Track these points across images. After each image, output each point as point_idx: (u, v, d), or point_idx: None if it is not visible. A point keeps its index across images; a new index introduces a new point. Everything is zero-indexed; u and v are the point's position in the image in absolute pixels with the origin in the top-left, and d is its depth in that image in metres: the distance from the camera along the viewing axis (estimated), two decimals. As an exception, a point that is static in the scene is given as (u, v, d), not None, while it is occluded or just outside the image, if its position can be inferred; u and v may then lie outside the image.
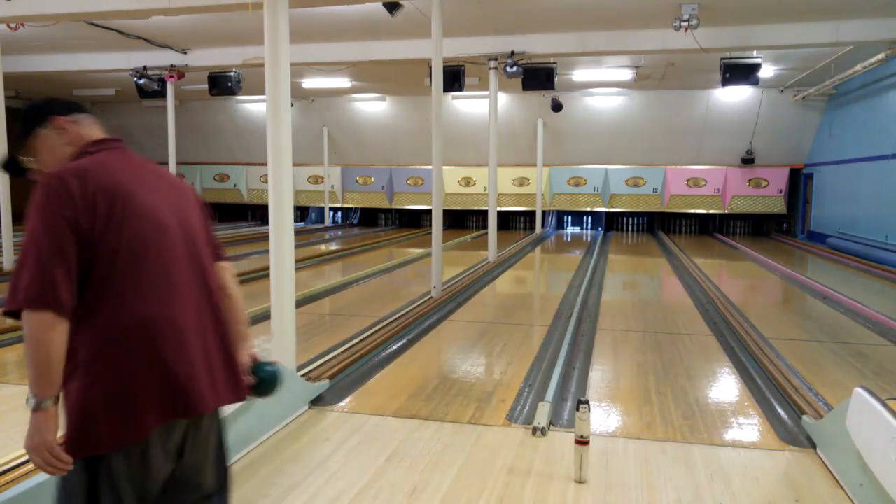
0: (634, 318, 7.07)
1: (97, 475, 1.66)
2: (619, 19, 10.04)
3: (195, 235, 1.86)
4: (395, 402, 4.28)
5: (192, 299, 1.79)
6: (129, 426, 1.65)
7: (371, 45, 11.58)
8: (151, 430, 1.69)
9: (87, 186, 1.66)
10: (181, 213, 1.84)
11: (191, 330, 1.76)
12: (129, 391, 1.65)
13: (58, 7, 7.98)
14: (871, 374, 5.06)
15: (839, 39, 10.07)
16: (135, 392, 1.66)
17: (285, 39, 4.39)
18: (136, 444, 1.68)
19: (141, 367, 1.67)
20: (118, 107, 19.42)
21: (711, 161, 17.53)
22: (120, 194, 1.70)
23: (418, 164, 19.08)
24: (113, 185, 1.70)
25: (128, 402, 1.65)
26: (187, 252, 1.81)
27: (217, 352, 1.83)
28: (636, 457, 3.48)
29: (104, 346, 1.65)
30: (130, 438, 1.66)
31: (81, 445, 1.64)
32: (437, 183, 8.16)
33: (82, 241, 1.62)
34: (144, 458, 1.70)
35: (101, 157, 1.79)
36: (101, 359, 1.64)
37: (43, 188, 1.63)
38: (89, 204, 1.64)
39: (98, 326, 1.65)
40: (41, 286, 1.56)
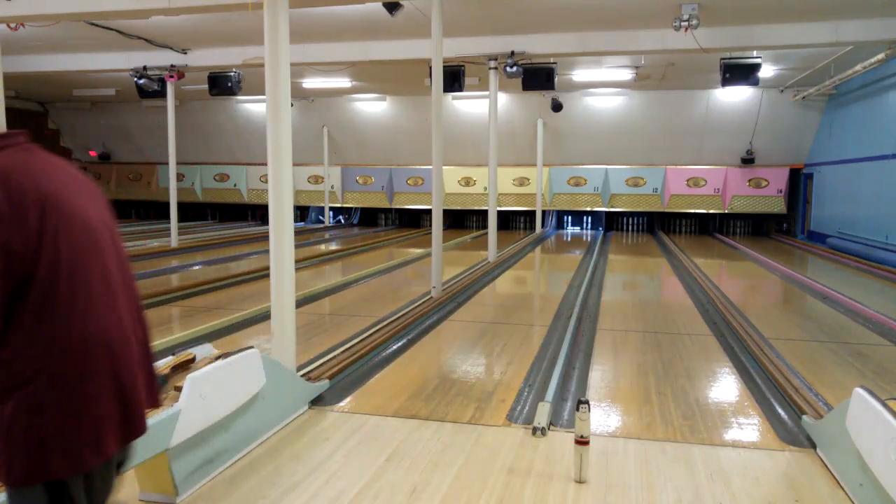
0: (634, 318, 7.07)
1: (59, 498, 1.54)
2: (619, 19, 10.04)
3: (116, 237, 1.73)
4: (395, 402, 4.28)
5: (125, 306, 1.69)
6: (93, 452, 1.54)
7: (371, 45, 11.58)
8: (113, 453, 1.60)
9: (13, 195, 1.47)
10: (101, 214, 1.71)
11: (131, 341, 1.67)
12: (91, 413, 1.53)
13: (58, 7, 7.98)
14: (871, 374, 5.06)
15: (839, 39, 10.07)
16: (97, 413, 1.54)
17: (285, 39, 4.39)
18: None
19: (102, 385, 1.55)
20: (118, 107, 19.42)
21: (711, 161, 17.53)
22: (49, 200, 1.53)
23: (418, 164, 19.08)
24: (39, 191, 1.52)
25: (91, 424, 1.53)
26: (115, 255, 1.70)
27: (144, 360, 1.75)
28: (636, 457, 3.48)
29: (53, 362, 1.50)
30: (92, 463, 1.54)
31: (37, 474, 1.49)
32: (437, 183, 8.16)
33: (14, 262, 1.46)
34: (103, 478, 1.65)
35: (13, 156, 1.57)
36: (50, 378, 1.49)
37: None
38: (19, 218, 1.47)
39: (41, 341, 1.50)
40: None
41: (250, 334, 6.16)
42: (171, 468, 2.89)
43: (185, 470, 2.98)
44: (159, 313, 7.07)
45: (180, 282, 9.39)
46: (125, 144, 21.16)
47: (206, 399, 3.06)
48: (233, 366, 3.28)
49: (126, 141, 21.00)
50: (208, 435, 3.14)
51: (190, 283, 8.78)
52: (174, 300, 7.73)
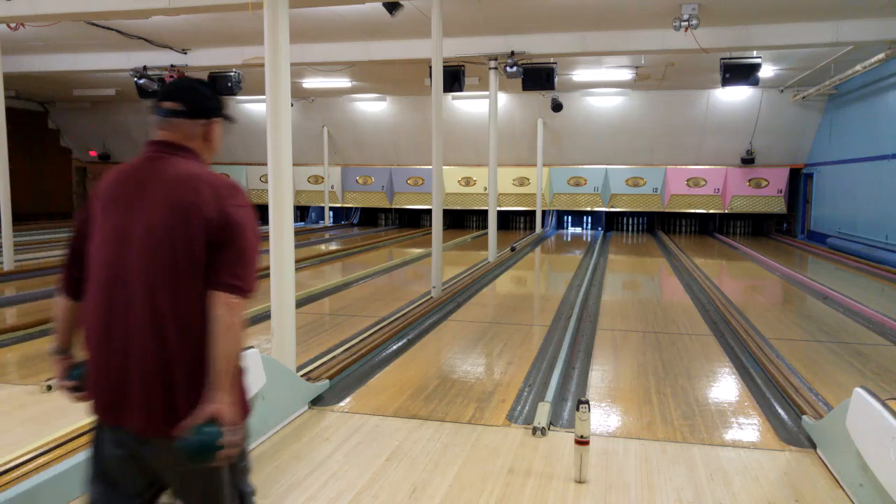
0: (634, 318, 7.07)
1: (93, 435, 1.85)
2: (619, 19, 10.04)
3: (139, 243, 1.75)
4: (395, 402, 4.28)
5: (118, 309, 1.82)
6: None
7: (371, 45, 11.58)
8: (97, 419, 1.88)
9: (94, 189, 1.90)
10: (134, 218, 1.79)
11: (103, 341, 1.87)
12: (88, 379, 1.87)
13: (58, 7, 7.98)
14: (871, 374, 5.06)
15: (839, 39, 10.07)
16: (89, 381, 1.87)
17: (285, 39, 4.39)
18: None
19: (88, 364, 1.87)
20: (118, 107, 19.42)
21: (711, 161, 17.53)
22: (94, 197, 1.89)
23: (418, 164, 19.08)
24: (97, 188, 1.89)
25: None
26: (125, 263, 1.76)
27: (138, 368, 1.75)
28: (636, 457, 3.48)
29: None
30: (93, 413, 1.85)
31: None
32: (437, 183, 8.16)
33: (74, 236, 1.90)
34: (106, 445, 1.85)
35: (133, 161, 1.90)
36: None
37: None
38: (85, 205, 1.87)
39: None
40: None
41: (250, 334, 6.17)
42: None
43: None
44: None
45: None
46: (125, 144, 21.14)
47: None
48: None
49: (126, 141, 20.98)
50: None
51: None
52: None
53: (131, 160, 1.87)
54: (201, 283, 1.72)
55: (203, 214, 1.71)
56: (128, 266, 1.73)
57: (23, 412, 4.07)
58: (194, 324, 1.71)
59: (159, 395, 1.71)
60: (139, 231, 1.73)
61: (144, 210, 1.74)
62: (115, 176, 1.85)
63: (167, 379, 1.71)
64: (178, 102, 1.85)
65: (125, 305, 1.73)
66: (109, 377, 1.75)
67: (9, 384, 4.62)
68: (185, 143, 1.85)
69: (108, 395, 1.76)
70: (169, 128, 1.85)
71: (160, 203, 1.73)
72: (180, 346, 1.71)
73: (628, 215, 19.13)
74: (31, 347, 5.63)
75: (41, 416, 3.99)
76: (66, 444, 2.50)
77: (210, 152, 1.92)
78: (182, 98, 1.86)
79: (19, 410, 4.11)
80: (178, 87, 1.89)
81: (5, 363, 5.27)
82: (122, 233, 1.75)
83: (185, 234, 1.71)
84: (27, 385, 4.56)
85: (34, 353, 5.46)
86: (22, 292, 8.28)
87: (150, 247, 1.72)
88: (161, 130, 1.85)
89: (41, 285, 8.62)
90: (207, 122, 1.88)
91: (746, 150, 16.99)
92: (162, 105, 1.86)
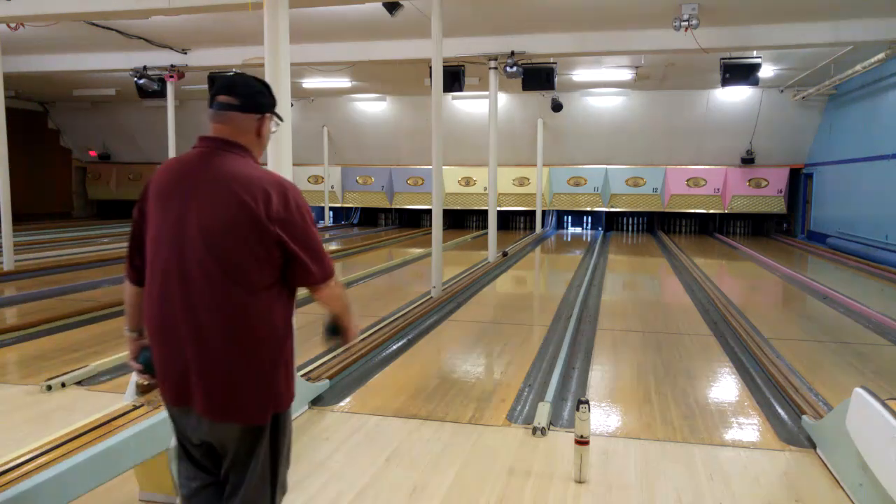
0: (634, 318, 7.07)
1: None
2: (619, 19, 10.03)
3: (191, 238, 1.82)
4: (395, 402, 4.28)
5: (174, 296, 1.93)
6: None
7: (371, 45, 11.58)
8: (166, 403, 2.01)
9: (148, 181, 2.00)
10: (186, 212, 1.87)
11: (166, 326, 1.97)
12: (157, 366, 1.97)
13: (58, 7, 7.98)
14: (871, 374, 5.06)
15: (839, 39, 10.07)
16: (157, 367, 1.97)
17: (285, 39, 4.40)
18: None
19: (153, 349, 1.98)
20: (118, 107, 19.42)
21: (711, 161, 17.53)
22: (148, 189, 1.98)
23: (418, 164, 19.08)
24: (150, 181, 2.00)
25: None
26: (183, 252, 1.85)
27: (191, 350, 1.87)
28: (636, 457, 3.48)
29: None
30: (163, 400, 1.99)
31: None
32: (437, 183, 8.16)
33: (133, 226, 1.99)
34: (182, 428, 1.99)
35: (183, 154, 1.98)
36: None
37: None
38: (140, 197, 2.00)
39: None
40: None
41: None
42: (171, 468, 2.89)
43: (185, 470, 2.98)
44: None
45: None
46: (125, 144, 21.15)
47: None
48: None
49: (126, 141, 20.99)
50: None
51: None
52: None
53: (185, 154, 1.92)
54: (259, 278, 1.81)
55: (266, 216, 1.78)
56: (185, 261, 1.80)
57: (23, 412, 4.07)
58: (250, 315, 1.81)
59: (218, 382, 1.82)
60: (198, 229, 1.79)
61: (203, 208, 1.80)
62: (169, 170, 1.90)
63: (224, 367, 1.81)
64: (234, 96, 1.90)
65: (182, 298, 1.80)
66: (173, 365, 1.85)
67: (9, 384, 4.62)
68: (237, 139, 1.91)
69: (173, 381, 1.86)
70: (223, 121, 1.91)
71: (220, 203, 1.79)
72: (236, 337, 1.81)
73: (628, 215, 19.12)
74: (31, 347, 5.63)
75: (41, 416, 4.00)
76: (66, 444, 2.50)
77: (260, 148, 1.98)
78: (237, 92, 1.91)
79: (19, 410, 4.11)
80: (233, 81, 1.94)
81: (5, 363, 5.27)
82: (180, 229, 1.81)
83: (245, 233, 1.78)
84: (27, 385, 4.56)
85: (34, 353, 5.46)
86: (22, 292, 8.28)
87: (209, 244, 1.78)
88: (215, 124, 1.92)
89: (41, 285, 8.63)
90: (260, 118, 1.94)
91: (746, 150, 16.99)
92: (217, 99, 1.91)
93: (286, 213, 1.82)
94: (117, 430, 2.64)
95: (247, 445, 1.90)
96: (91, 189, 22.12)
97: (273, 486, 1.99)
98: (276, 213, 1.80)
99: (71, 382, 4.55)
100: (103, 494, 2.91)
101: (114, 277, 9.37)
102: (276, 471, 1.99)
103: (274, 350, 1.88)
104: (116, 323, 6.56)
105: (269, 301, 1.85)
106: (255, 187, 1.80)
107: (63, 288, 8.37)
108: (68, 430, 2.62)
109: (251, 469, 1.92)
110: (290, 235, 1.82)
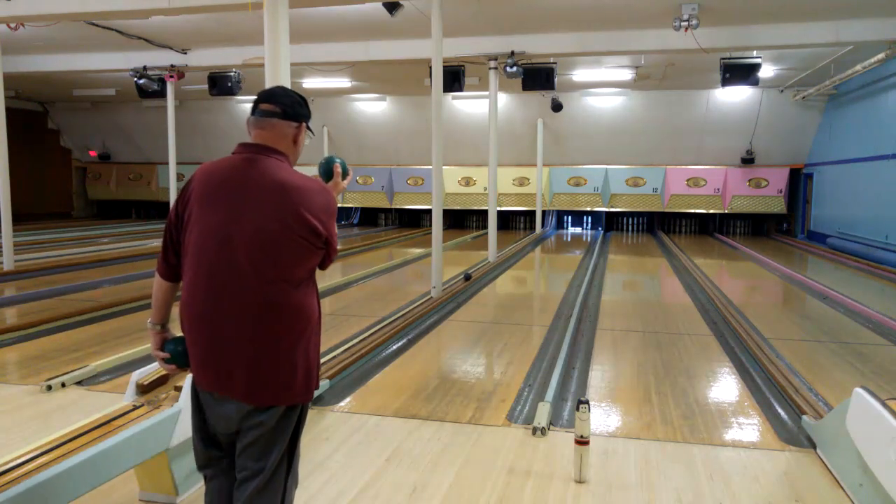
0: (634, 318, 7.07)
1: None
2: (619, 19, 10.04)
3: (238, 234, 1.99)
4: (395, 402, 4.28)
5: (218, 288, 2.09)
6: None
7: (371, 45, 11.58)
8: (200, 386, 2.13)
9: (186, 183, 2.17)
10: (230, 214, 2.02)
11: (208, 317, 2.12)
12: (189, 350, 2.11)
13: (58, 7, 7.99)
14: (871, 374, 5.06)
15: (839, 39, 10.07)
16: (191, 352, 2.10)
17: (285, 39, 4.40)
18: None
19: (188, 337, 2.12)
20: (118, 107, 19.43)
21: (711, 161, 17.53)
22: (191, 192, 2.11)
23: (418, 164, 19.08)
24: (191, 184, 2.13)
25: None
26: (226, 250, 2.02)
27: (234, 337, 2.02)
28: (636, 457, 3.48)
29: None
30: (196, 382, 2.12)
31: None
32: (437, 183, 8.16)
33: (170, 225, 2.13)
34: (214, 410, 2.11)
35: (222, 159, 2.13)
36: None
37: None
38: (179, 197, 2.14)
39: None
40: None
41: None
42: (171, 468, 2.89)
43: (186, 470, 2.98)
44: (159, 313, 7.07)
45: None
46: (125, 144, 21.16)
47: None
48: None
49: (126, 141, 20.99)
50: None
51: (190, 283, 8.77)
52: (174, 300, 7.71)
53: (226, 159, 2.08)
54: (302, 273, 2.04)
55: (309, 223, 2.00)
56: (236, 258, 1.96)
57: (23, 412, 4.07)
58: (292, 306, 2.01)
59: (259, 370, 1.98)
60: (247, 231, 1.96)
61: (251, 212, 1.97)
62: (212, 174, 2.06)
63: (263, 356, 1.98)
64: (276, 105, 2.11)
65: (231, 291, 1.97)
66: (214, 354, 1.99)
67: (9, 384, 4.62)
68: (276, 146, 2.09)
69: (214, 369, 2.00)
70: (265, 127, 2.10)
71: (277, 207, 1.98)
72: (280, 327, 1.99)
73: (628, 215, 19.12)
74: (31, 347, 5.63)
75: (41, 416, 4.00)
76: (66, 444, 2.50)
77: (295, 156, 2.18)
78: (279, 101, 2.12)
79: (19, 410, 4.11)
80: (275, 92, 2.17)
81: (5, 363, 5.27)
82: (228, 231, 1.97)
83: (290, 235, 1.98)
84: (27, 385, 4.56)
85: (34, 353, 5.46)
86: (22, 292, 8.28)
87: (258, 246, 1.96)
88: (257, 130, 2.11)
89: (41, 285, 8.63)
90: (298, 126, 2.14)
91: (746, 150, 16.99)
92: (260, 107, 2.12)
93: (327, 217, 2.06)
94: (117, 430, 2.64)
95: (273, 432, 2.03)
96: (91, 189, 22.12)
97: (287, 473, 2.10)
98: (324, 219, 2.04)
99: (71, 382, 4.55)
100: (103, 494, 2.91)
101: (114, 277, 9.39)
102: (291, 460, 2.11)
103: (312, 338, 2.09)
104: (116, 323, 6.57)
105: (306, 292, 2.06)
106: (308, 195, 2.02)
107: (63, 288, 8.38)
108: (68, 430, 2.62)
109: (272, 456, 2.04)
110: (329, 234, 2.07)
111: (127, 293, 7.86)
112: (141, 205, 22.14)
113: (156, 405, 2.90)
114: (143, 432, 2.67)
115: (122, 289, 8.41)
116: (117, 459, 2.56)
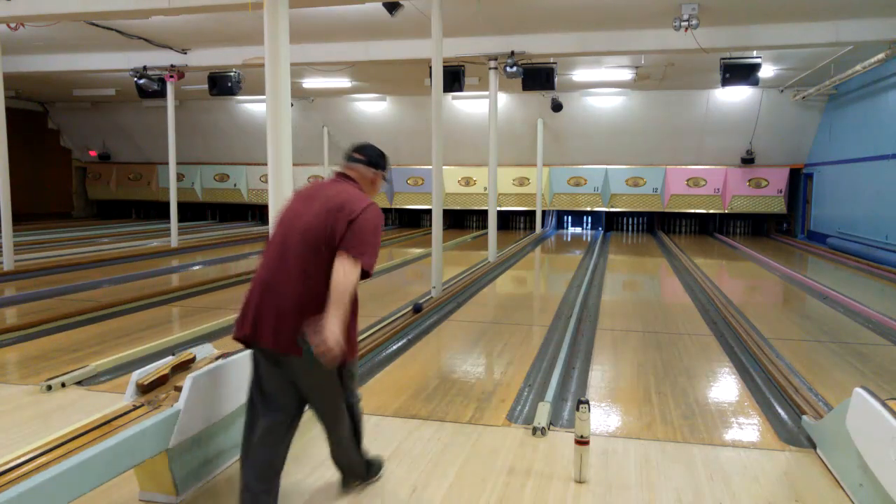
0: (634, 318, 7.07)
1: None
2: (619, 19, 10.04)
3: (306, 226, 2.65)
4: (395, 402, 4.28)
5: (285, 267, 2.70)
6: (236, 329, 2.81)
7: (371, 45, 11.58)
8: (241, 337, 2.81)
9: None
10: (305, 213, 2.69)
11: (274, 288, 2.73)
12: (242, 310, 2.79)
13: (58, 7, 7.98)
14: (871, 374, 5.06)
15: (839, 39, 10.07)
16: (242, 312, 2.79)
17: (285, 39, 4.40)
18: None
19: (248, 298, 2.77)
20: (118, 107, 19.42)
21: (711, 161, 17.53)
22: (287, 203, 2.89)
23: (418, 164, 19.07)
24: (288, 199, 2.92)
25: (240, 314, 2.80)
26: (293, 236, 2.68)
27: (285, 304, 2.63)
28: (636, 457, 3.48)
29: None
30: (237, 335, 2.81)
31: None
32: (437, 183, 8.16)
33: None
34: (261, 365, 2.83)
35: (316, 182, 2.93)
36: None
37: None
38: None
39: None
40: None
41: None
42: (171, 468, 2.89)
43: (186, 470, 2.98)
44: (159, 313, 7.05)
45: (180, 282, 9.40)
46: (125, 144, 21.16)
47: (207, 398, 3.06)
48: (233, 365, 3.28)
49: (126, 141, 20.99)
50: (208, 435, 3.14)
51: (190, 283, 8.78)
52: (174, 300, 7.72)
53: (323, 179, 2.87)
54: (332, 257, 2.56)
55: (345, 216, 2.59)
56: (290, 241, 2.65)
57: (23, 412, 4.07)
58: (324, 281, 2.55)
59: (301, 324, 2.54)
60: (303, 222, 2.65)
61: (310, 209, 2.67)
62: (311, 185, 2.84)
63: (304, 313, 2.56)
64: (363, 155, 2.87)
65: (287, 265, 2.62)
66: (269, 310, 2.63)
67: (9, 384, 4.62)
68: (357, 180, 2.84)
69: (269, 323, 2.62)
70: (352, 169, 2.85)
71: (321, 206, 2.65)
72: (314, 293, 2.57)
73: (628, 215, 19.13)
74: (31, 347, 5.63)
75: (41, 416, 4.00)
76: (66, 444, 2.49)
77: (370, 193, 2.86)
78: (366, 153, 2.88)
79: (19, 410, 4.11)
80: (364, 146, 2.91)
81: (5, 363, 5.27)
82: (293, 220, 2.69)
83: (328, 226, 2.59)
84: (27, 385, 4.56)
85: (34, 353, 5.46)
86: (22, 292, 8.28)
87: (303, 231, 2.63)
88: (347, 170, 2.85)
89: (41, 285, 8.63)
90: (375, 172, 2.88)
91: (746, 150, 16.99)
92: (352, 155, 2.87)
93: (358, 216, 2.61)
94: (117, 430, 2.64)
95: (331, 382, 2.78)
96: (91, 189, 22.12)
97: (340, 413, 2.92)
98: (352, 215, 2.60)
99: (71, 382, 4.55)
100: (103, 494, 2.91)
101: (114, 277, 9.38)
102: (338, 403, 2.91)
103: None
104: (116, 323, 6.56)
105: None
106: (347, 200, 2.66)
107: (63, 288, 8.37)
108: (68, 430, 2.62)
109: (322, 393, 2.80)
110: (354, 228, 2.59)
111: (127, 293, 7.86)
112: (141, 205, 22.14)
113: (156, 405, 2.90)
114: (143, 432, 2.67)
115: (122, 289, 8.40)
116: (117, 459, 2.56)
